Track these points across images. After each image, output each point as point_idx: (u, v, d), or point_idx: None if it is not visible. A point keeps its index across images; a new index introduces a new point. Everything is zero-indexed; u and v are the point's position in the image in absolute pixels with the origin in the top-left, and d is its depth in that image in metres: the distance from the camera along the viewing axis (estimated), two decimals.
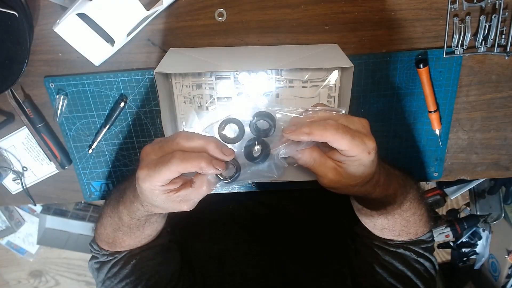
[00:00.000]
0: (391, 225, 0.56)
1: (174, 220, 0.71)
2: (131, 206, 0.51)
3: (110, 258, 0.60)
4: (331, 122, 0.41)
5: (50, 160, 0.71)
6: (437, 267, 0.62)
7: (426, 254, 0.60)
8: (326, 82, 0.60)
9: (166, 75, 0.58)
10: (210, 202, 0.77)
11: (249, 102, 0.61)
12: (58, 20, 0.57)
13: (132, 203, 0.51)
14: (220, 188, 0.74)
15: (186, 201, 0.45)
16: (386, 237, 0.59)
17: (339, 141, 0.41)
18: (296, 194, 0.78)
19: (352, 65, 0.50)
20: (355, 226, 0.65)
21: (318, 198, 0.78)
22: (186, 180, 0.45)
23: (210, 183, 0.44)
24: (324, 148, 0.45)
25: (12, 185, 0.75)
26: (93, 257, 0.63)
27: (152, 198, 0.44)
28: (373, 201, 0.53)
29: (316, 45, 0.61)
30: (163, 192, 0.43)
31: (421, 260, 0.59)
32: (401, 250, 0.58)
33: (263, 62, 0.58)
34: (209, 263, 0.65)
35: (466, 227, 1.44)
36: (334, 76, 0.59)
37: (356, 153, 0.42)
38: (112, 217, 0.56)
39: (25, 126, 0.68)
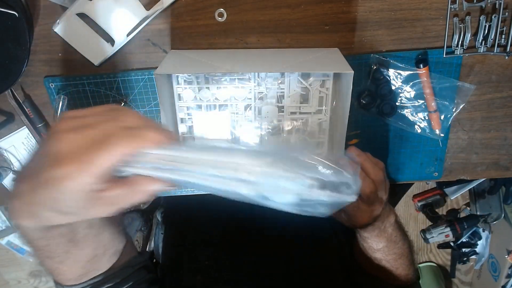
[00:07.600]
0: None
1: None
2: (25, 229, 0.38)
3: None
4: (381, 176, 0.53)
5: None
6: None
7: None
8: (325, 85, 0.60)
9: (167, 76, 0.58)
10: (206, 215, 0.77)
11: (249, 102, 0.61)
12: (58, 20, 0.57)
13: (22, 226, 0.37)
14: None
15: (111, 204, 0.33)
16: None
17: (370, 186, 0.47)
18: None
19: (352, 71, 0.50)
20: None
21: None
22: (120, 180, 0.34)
23: (152, 189, 0.34)
24: None
25: (12, 185, 0.75)
26: None
27: (66, 202, 0.32)
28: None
29: (317, 49, 0.61)
30: (94, 191, 0.31)
31: None
32: None
33: (263, 65, 0.58)
34: None
35: (466, 227, 1.44)
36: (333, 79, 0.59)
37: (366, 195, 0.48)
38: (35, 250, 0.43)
39: (25, 126, 0.68)
